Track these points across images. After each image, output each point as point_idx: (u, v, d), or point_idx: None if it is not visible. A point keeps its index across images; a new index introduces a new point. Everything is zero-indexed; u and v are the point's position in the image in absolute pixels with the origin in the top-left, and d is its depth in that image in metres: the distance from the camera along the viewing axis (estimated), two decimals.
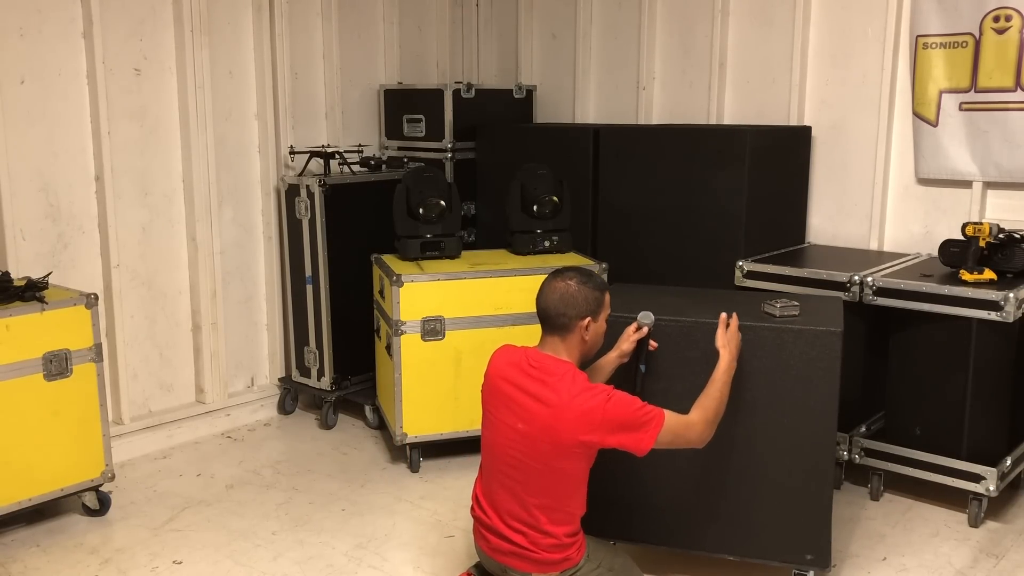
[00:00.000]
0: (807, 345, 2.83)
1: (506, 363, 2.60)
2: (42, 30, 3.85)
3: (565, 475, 2.51)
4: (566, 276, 2.58)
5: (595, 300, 2.56)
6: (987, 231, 3.53)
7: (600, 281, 2.62)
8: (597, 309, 2.57)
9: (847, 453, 3.73)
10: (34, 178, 3.88)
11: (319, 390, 4.65)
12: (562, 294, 2.53)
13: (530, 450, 2.49)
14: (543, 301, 2.57)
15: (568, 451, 2.46)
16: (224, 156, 4.53)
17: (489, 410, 2.61)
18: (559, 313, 2.53)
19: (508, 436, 2.53)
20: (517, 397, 2.52)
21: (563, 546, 2.55)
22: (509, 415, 2.53)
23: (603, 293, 2.60)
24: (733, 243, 4.04)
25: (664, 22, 4.90)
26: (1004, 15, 3.83)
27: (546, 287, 2.58)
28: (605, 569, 2.63)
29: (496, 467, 2.59)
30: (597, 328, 2.59)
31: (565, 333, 2.54)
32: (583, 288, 2.55)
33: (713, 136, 4.29)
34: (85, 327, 3.46)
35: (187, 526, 3.55)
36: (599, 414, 2.43)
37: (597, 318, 2.57)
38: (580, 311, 2.53)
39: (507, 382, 2.55)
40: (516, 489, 2.54)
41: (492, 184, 4.82)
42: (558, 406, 2.45)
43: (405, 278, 3.87)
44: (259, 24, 4.61)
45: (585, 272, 2.62)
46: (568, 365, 2.54)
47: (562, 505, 2.53)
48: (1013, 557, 3.28)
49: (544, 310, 2.56)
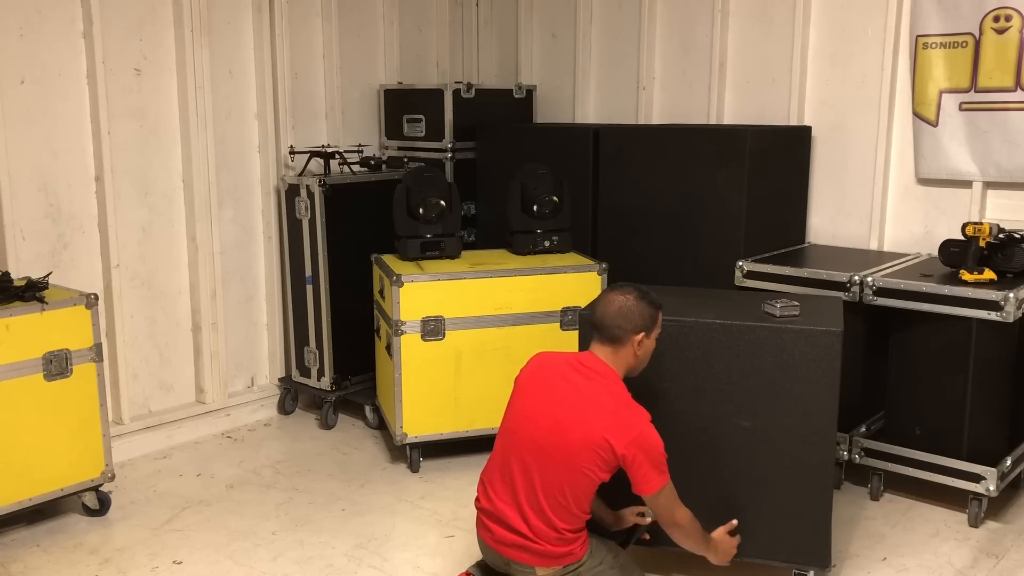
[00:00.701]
0: (807, 345, 2.83)
1: (553, 358, 2.69)
2: (42, 30, 3.85)
3: (582, 475, 2.53)
4: (625, 290, 2.66)
5: (651, 317, 2.65)
6: (987, 231, 3.53)
7: (656, 299, 2.69)
8: (651, 326, 2.66)
9: (847, 453, 3.73)
10: (34, 178, 3.88)
11: (319, 390, 4.65)
12: (620, 306, 2.62)
13: (558, 440, 2.53)
14: (601, 312, 2.65)
15: (593, 450, 2.49)
16: (224, 156, 4.53)
17: (523, 396, 2.66)
18: (615, 325, 2.61)
19: (538, 423, 2.57)
20: (562, 385, 2.59)
21: (567, 540, 2.57)
22: (547, 400, 2.59)
23: (658, 311, 2.68)
24: (733, 243, 4.04)
25: (664, 22, 4.90)
26: (1004, 15, 3.83)
27: (604, 299, 2.67)
28: (607, 567, 2.64)
29: (515, 453, 2.61)
30: (648, 345, 2.67)
31: (618, 345, 2.62)
32: (640, 304, 2.63)
33: (713, 136, 4.29)
34: (85, 327, 3.46)
35: (187, 526, 3.55)
36: (635, 429, 2.50)
37: (650, 335, 2.66)
38: (636, 326, 2.61)
39: (555, 371, 2.63)
40: (531, 477, 2.56)
41: (492, 184, 4.82)
42: (597, 402, 2.52)
43: (405, 278, 3.87)
44: (259, 24, 4.61)
45: (643, 289, 2.70)
46: (614, 372, 2.62)
47: (571, 503, 2.55)
48: (1013, 557, 3.28)
49: (601, 320, 2.64)
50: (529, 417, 2.61)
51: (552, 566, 2.57)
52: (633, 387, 2.88)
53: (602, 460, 2.51)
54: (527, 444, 2.58)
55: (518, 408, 2.67)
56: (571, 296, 4.01)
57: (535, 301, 3.99)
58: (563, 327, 4.03)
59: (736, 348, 2.89)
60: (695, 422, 2.95)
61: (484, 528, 2.69)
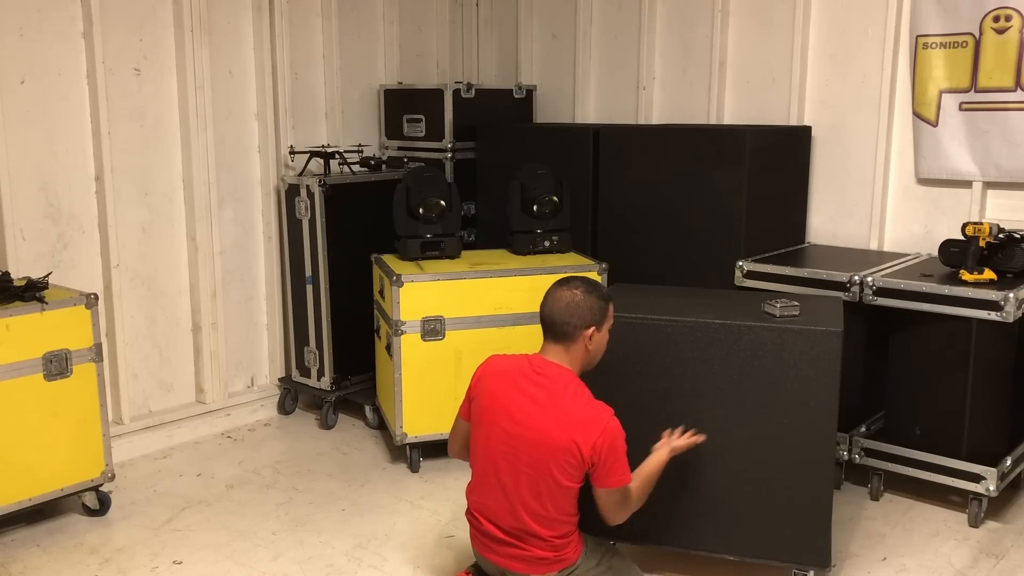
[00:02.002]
0: (807, 345, 2.83)
1: (505, 368, 2.61)
2: (42, 30, 3.85)
3: (556, 485, 2.50)
4: (572, 285, 2.59)
5: (600, 310, 2.58)
6: (987, 231, 3.53)
7: (605, 291, 2.64)
8: (602, 319, 2.59)
9: (847, 453, 3.73)
10: (34, 178, 3.88)
11: (319, 390, 4.65)
12: (568, 303, 2.55)
13: (524, 454, 2.50)
14: (548, 309, 2.58)
15: (563, 457, 2.45)
16: (224, 156, 4.53)
17: (483, 416, 2.61)
18: (564, 322, 2.54)
19: (503, 440, 2.54)
20: (517, 399, 2.53)
21: (556, 547, 2.55)
22: (506, 418, 2.53)
23: (607, 303, 2.62)
24: (733, 243, 4.04)
25: (664, 22, 4.90)
26: (1004, 15, 3.83)
27: (551, 296, 2.60)
28: (604, 567, 2.64)
29: (488, 472, 2.59)
30: (600, 339, 2.61)
31: (569, 342, 2.56)
32: (588, 298, 2.56)
33: (713, 136, 4.29)
34: (85, 327, 3.46)
35: (187, 526, 3.55)
36: (600, 424, 2.45)
37: (601, 328, 2.59)
38: (585, 320, 2.55)
39: (508, 385, 2.56)
40: (508, 491, 2.54)
41: (492, 184, 4.82)
42: (558, 409, 2.47)
43: (405, 278, 3.87)
44: (259, 24, 4.61)
45: (591, 282, 2.63)
46: (570, 373, 2.56)
47: (551, 511, 2.52)
48: (1013, 557, 3.28)
49: (549, 318, 2.58)
50: (496, 436, 2.56)
51: (546, 572, 2.56)
52: (633, 387, 2.88)
53: (572, 466, 2.46)
54: (499, 460, 2.55)
55: (485, 426, 2.61)
56: None
57: (535, 301, 3.90)
58: None
59: (736, 348, 2.89)
60: (695, 422, 2.95)
61: (476, 539, 2.69)
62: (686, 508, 3.02)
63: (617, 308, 2.91)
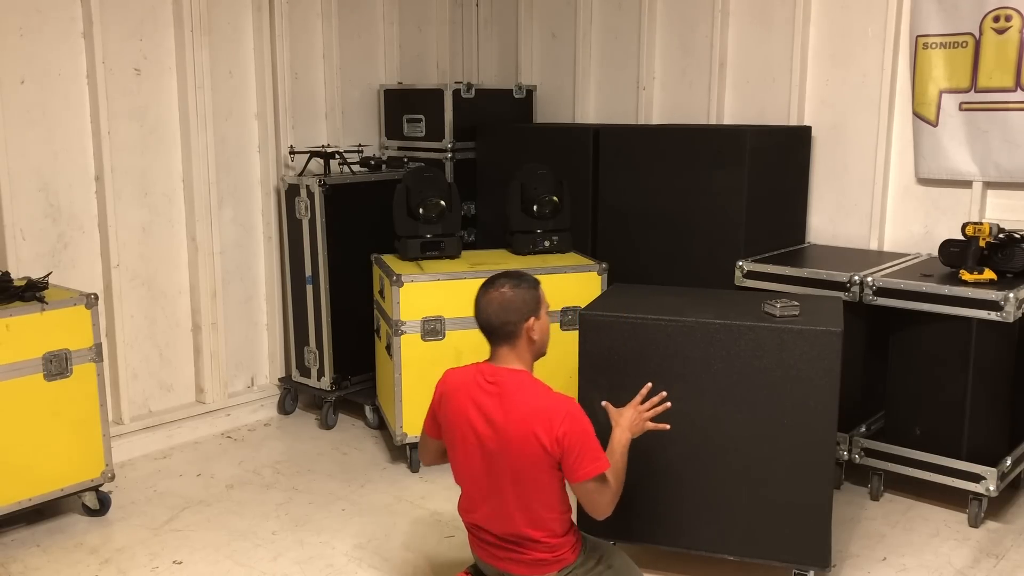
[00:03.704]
0: (807, 345, 2.83)
1: (460, 383, 2.56)
2: (42, 30, 3.85)
3: (534, 482, 2.46)
4: (497, 285, 2.54)
5: (533, 299, 2.54)
6: (987, 231, 3.53)
7: (531, 279, 2.59)
8: (537, 307, 2.54)
9: (847, 453, 3.73)
10: (34, 178, 3.88)
11: (319, 390, 4.65)
12: (500, 303, 2.50)
13: (497, 463, 2.47)
14: (484, 315, 2.52)
15: (529, 452, 2.41)
16: (224, 156, 4.53)
17: (454, 434, 2.57)
18: (503, 322, 2.50)
19: (476, 454, 2.51)
20: (475, 412, 2.48)
21: (552, 547, 2.53)
22: (472, 432, 2.50)
23: (537, 289, 2.58)
24: (733, 243, 4.04)
25: (664, 22, 4.90)
26: (1004, 15, 3.83)
27: (482, 301, 2.54)
28: (604, 567, 2.62)
29: (472, 488, 2.58)
30: (542, 325, 2.56)
31: (514, 339, 2.51)
32: (518, 291, 2.52)
33: (713, 136, 4.29)
34: (85, 327, 3.46)
35: (187, 526, 3.55)
36: (564, 409, 2.40)
37: (539, 315, 2.55)
38: (522, 314, 2.50)
39: (465, 399, 2.52)
40: (495, 505, 2.52)
41: (492, 184, 4.82)
42: (514, 410, 2.43)
43: (405, 278, 3.87)
44: (259, 24, 4.61)
45: (514, 275, 2.59)
46: (523, 374, 2.51)
47: (540, 510, 2.49)
48: (1013, 557, 3.28)
49: (487, 322, 2.52)
50: (470, 452, 2.52)
51: (545, 573, 2.54)
52: (633, 387, 2.87)
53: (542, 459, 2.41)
54: (479, 474, 2.53)
55: (455, 444, 2.57)
56: (571, 296, 4.01)
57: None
58: (563, 327, 4.03)
59: (736, 348, 2.89)
60: (695, 422, 2.95)
61: (474, 543, 2.67)
62: (686, 508, 3.03)
63: (617, 308, 2.92)
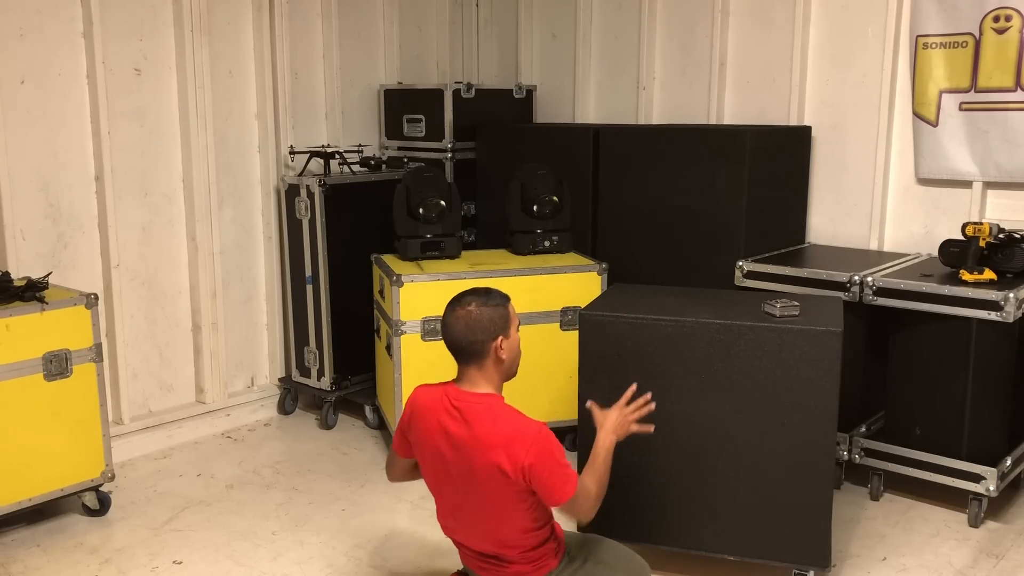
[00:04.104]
0: (807, 345, 2.83)
1: (428, 404, 2.48)
2: (42, 30, 3.85)
3: (506, 511, 2.41)
4: (464, 303, 2.46)
5: (501, 317, 2.44)
6: (987, 231, 3.53)
7: (500, 295, 2.50)
8: (505, 325, 2.45)
9: (847, 453, 3.73)
10: (34, 178, 3.88)
11: (319, 390, 4.65)
12: (467, 322, 2.41)
13: (463, 488, 2.42)
14: (450, 334, 2.44)
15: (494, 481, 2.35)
16: (224, 156, 4.53)
17: (424, 453, 2.52)
18: (471, 341, 2.41)
19: (444, 478, 2.47)
20: (442, 438, 2.43)
21: (533, 558, 2.48)
22: (439, 456, 2.45)
23: (506, 306, 2.49)
24: (733, 243, 4.04)
25: (664, 22, 4.90)
26: (1004, 15, 3.83)
27: (448, 321, 2.45)
28: (593, 563, 2.57)
29: (446, 507, 2.54)
30: (511, 344, 2.47)
31: (482, 359, 2.42)
32: (485, 309, 2.43)
33: (713, 136, 4.29)
34: (85, 327, 3.46)
35: (187, 526, 3.55)
36: (529, 438, 2.32)
37: (508, 334, 2.46)
38: (489, 333, 2.41)
39: (433, 422, 2.45)
40: (469, 524, 2.50)
41: (492, 184, 4.82)
42: (477, 439, 2.36)
43: (405, 278, 3.87)
44: (259, 24, 4.61)
45: (482, 292, 2.50)
46: (491, 398, 2.42)
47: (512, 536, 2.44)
48: (1013, 557, 3.28)
49: (455, 342, 2.44)
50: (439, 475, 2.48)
51: None
52: None
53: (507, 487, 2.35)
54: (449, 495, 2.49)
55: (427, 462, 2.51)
56: (571, 296, 4.01)
57: (535, 301, 3.99)
58: (563, 327, 4.03)
59: (736, 348, 2.89)
60: (695, 422, 2.96)
61: (460, 553, 2.63)
62: (686, 508, 3.03)
63: (617, 308, 2.91)
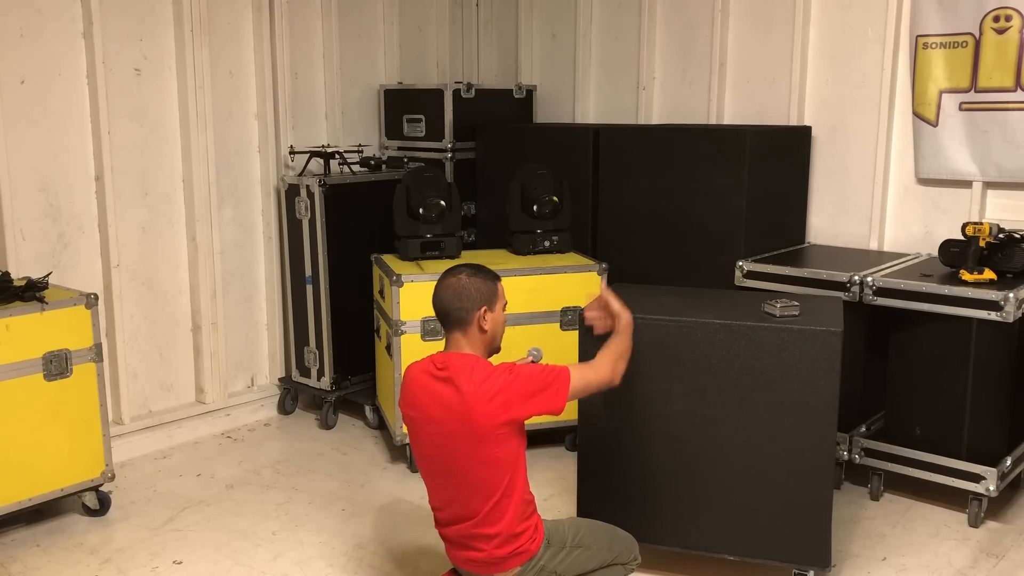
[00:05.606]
0: (807, 345, 2.83)
1: (415, 375, 2.61)
2: (42, 30, 3.85)
3: (498, 463, 2.48)
4: (456, 272, 2.61)
5: (488, 289, 2.59)
6: (987, 231, 3.53)
7: (491, 273, 2.65)
8: (492, 298, 2.59)
9: (847, 453, 3.73)
10: (34, 178, 3.88)
11: (319, 390, 4.65)
12: (455, 289, 2.56)
13: (455, 451, 2.48)
14: (438, 300, 2.59)
15: (492, 436, 2.45)
16: (224, 156, 4.53)
17: (414, 426, 2.61)
18: (455, 307, 2.55)
19: (433, 443, 2.54)
20: (429, 403, 2.52)
21: (510, 538, 2.50)
22: (428, 423, 2.53)
23: (495, 283, 2.63)
24: (733, 243, 4.04)
25: (664, 22, 4.90)
26: (1004, 15, 3.84)
27: (439, 287, 2.61)
28: (571, 547, 2.59)
29: (432, 480, 2.60)
30: (495, 317, 2.61)
31: (465, 327, 2.56)
32: (474, 280, 2.58)
33: (713, 136, 4.29)
34: (85, 327, 3.46)
35: (187, 526, 3.55)
36: (507, 392, 2.45)
37: (493, 307, 2.60)
38: (475, 301, 2.55)
39: (420, 390, 2.56)
40: (451, 493, 2.54)
41: (492, 184, 4.82)
42: (468, 397, 2.45)
43: (405, 278, 3.87)
44: (259, 24, 4.61)
45: (475, 266, 2.65)
46: (471, 356, 2.55)
47: (500, 498, 2.48)
48: (1013, 557, 3.28)
49: (441, 307, 2.58)
50: (426, 443, 2.56)
51: (509, 568, 2.52)
52: (634, 386, 2.87)
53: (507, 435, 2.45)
54: (438, 468, 2.56)
55: (415, 436, 2.62)
56: (571, 296, 4.01)
57: (535, 301, 3.99)
58: (563, 327, 4.03)
59: (736, 348, 2.89)
60: (695, 422, 2.96)
61: (447, 548, 2.68)
62: (686, 508, 3.03)
63: None
